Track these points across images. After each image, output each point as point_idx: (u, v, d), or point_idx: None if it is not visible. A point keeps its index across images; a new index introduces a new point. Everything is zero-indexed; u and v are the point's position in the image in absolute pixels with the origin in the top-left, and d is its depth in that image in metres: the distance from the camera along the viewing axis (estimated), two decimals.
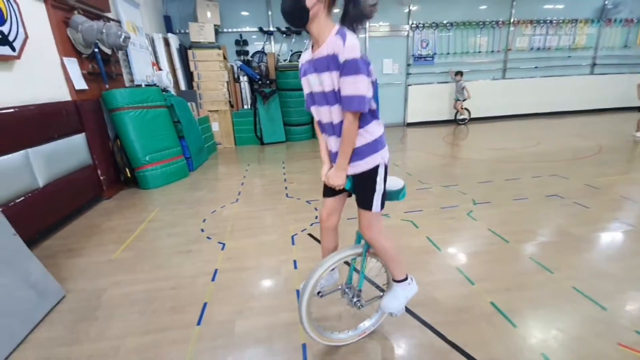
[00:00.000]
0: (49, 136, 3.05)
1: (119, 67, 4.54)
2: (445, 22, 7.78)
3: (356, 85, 1.15)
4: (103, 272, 2.36)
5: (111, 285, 2.19)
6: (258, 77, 6.58)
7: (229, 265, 2.38)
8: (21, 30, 2.83)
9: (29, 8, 3.00)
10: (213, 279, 2.21)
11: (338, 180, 1.33)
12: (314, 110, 1.38)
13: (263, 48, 7.34)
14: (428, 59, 7.98)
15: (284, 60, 7.30)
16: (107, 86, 4.04)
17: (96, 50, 3.80)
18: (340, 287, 1.69)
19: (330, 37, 1.17)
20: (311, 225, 2.94)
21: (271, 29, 7.30)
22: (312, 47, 1.27)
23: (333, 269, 1.62)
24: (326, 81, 1.21)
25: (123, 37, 3.85)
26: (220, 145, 6.69)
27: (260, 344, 1.66)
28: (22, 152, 2.71)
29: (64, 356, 1.64)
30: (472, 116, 8.06)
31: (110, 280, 2.26)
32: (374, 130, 1.31)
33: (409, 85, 8.08)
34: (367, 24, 7.52)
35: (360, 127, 1.27)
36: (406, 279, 1.55)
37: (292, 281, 2.15)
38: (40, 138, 2.94)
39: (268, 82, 6.71)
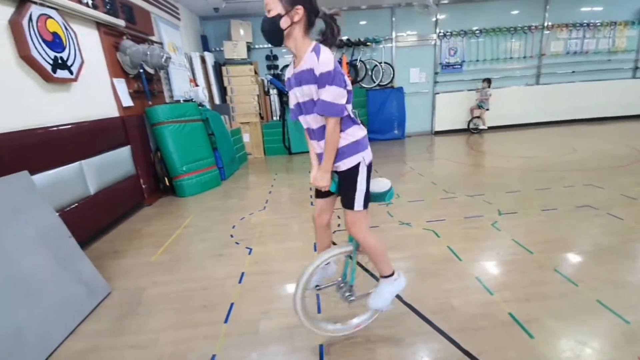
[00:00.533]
0: (100, 149, 3.41)
1: (161, 84, 4.95)
2: (474, 28, 7.68)
3: (331, 94, 1.29)
4: (143, 272, 2.60)
5: (150, 285, 2.42)
6: (287, 89, 6.84)
7: (255, 269, 2.53)
8: (78, 55, 3.23)
9: (84, 35, 3.41)
10: (240, 281, 2.37)
11: (323, 182, 1.44)
12: (301, 119, 1.51)
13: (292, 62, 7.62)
14: (456, 66, 7.89)
15: None
16: (150, 103, 4.44)
17: (141, 70, 4.20)
18: (336, 281, 1.79)
19: (307, 54, 1.32)
20: (334, 232, 3.04)
21: None
22: (294, 62, 1.41)
23: (328, 263, 1.70)
24: (306, 92, 1.36)
25: (165, 57, 4.23)
26: (251, 155, 7.00)
27: (282, 343, 1.77)
28: (77, 163, 3.06)
29: (109, 346, 1.85)
30: (502, 124, 7.83)
31: (150, 280, 2.49)
32: (355, 132, 1.43)
33: (436, 93, 8.02)
34: (394, 34, 7.62)
35: (341, 130, 1.40)
36: (393, 274, 1.61)
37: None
38: (93, 151, 3.30)
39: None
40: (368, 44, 7.51)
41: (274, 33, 1.31)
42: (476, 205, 3.46)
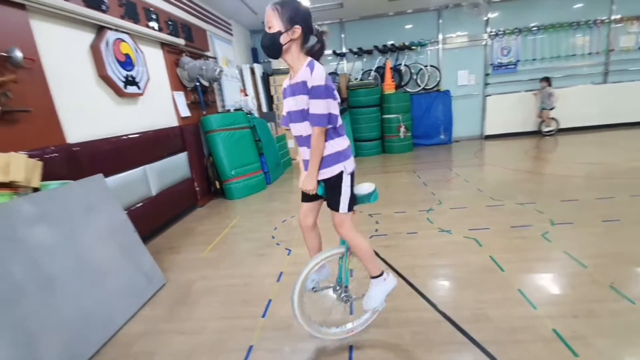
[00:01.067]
0: (161, 155, 3.82)
1: (214, 95, 5.38)
2: (531, 25, 7.18)
3: (319, 106, 1.43)
4: (194, 267, 2.87)
5: (199, 278, 2.66)
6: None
7: (293, 269, 2.65)
8: (145, 72, 3.67)
9: (151, 54, 3.86)
10: (278, 280, 2.50)
11: (310, 185, 1.56)
12: (291, 126, 1.63)
13: (336, 69, 7.79)
14: (510, 66, 7.43)
15: (355, 79, 7.62)
16: (204, 112, 4.85)
17: (197, 83, 4.62)
18: (331, 284, 1.87)
19: (303, 68, 1.46)
20: (370, 237, 3.07)
21: (344, 50, 7.71)
22: (290, 74, 1.55)
23: (322, 265, 1.80)
24: (299, 101, 1.49)
25: (218, 71, 4.61)
26: (295, 160, 7.24)
27: (313, 340, 1.86)
28: (141, 167, 3.47)
29: (163, 330, 2.08)
30: (564, 126, 7.19)
31: (199, 274, 2.73)
32: (338, 144, 1.56)
33: (487, 95, 7.61)
34: (441, 36, 7.41)
35: (326, 140, 1.53)
36: (381, 274, 1.71)
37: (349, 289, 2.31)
38: (155, 156, 3.71)
39: (340, 100, 7.07)
40: (413, 47, 7.40)
41: (273, 48, 1.45)
42: (526, 214, 3.25)
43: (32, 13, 2.44)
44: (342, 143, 1.57)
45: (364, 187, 1.66)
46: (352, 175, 1.59)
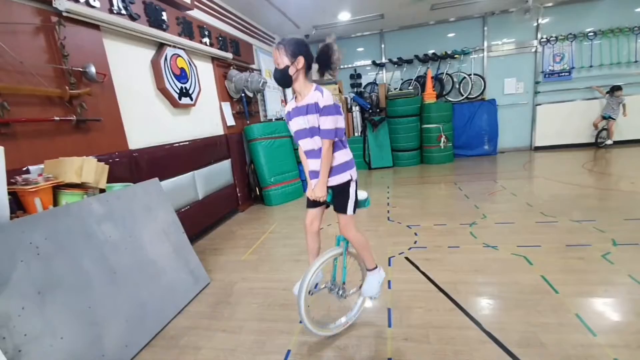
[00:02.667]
0: (208, 161, 4.06)
1: (257, 105, 5.63)
2: (587, 30, 6.72)
3: (329, 122, 1.66)
4: (235, 268, 2.99)
5: (240, 280, 2.77)
6: (369, 106, 7.02)
7: (328, 277, 2.67)
8: (197, 84, 3.94)
9: (202, 68, 4.15)
10: (315, 287, 2.53)
11: (321, 192, 1.76)
12: (301, 142, 1.83)
13: (375, 79, 7.80)
14: (563, 74, 6.96)
15: (395, 89, 7.57)
16: (247, 122, 5.08)
17: (242, 94, 4.87)
18: (325, 285, 2.03)
19: (312, 92, 1.69)
20: (409, 249, 3.01)
21: (383, 60, 7.71)
22: (296, 99, 1.78)
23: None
24: (311, 119, 1.70)
25: (262, 82, 4.82)
26: None
27: (349, 349, 1.86)
28: (190, 173, 3.70)
29: (206, 326, 2.19)
30: (624, 138, 6.58)
31: (240, 275, 2.84)
32: (345, 154, 1.79)
33: (537, 104, 7.19)
34: (486, 44, 7.17)
35: (334, 151, 1.75)
36: (376, 267, 1.97)
37: (385, 299, 2.28)
38: (202, 163, 3.95)
39: (378, 110, 7.07)
40: (456, 56, 7.21)
41: (284, 80, 1.70)
42: (583, 232, 3.01)
43: (105, 33, 2.75)
44: (346, 154, 1.80)
45: (360, 194, 1.91)
46: (356, 182, 1.83)
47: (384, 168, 7.04)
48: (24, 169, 2.06)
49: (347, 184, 1.79)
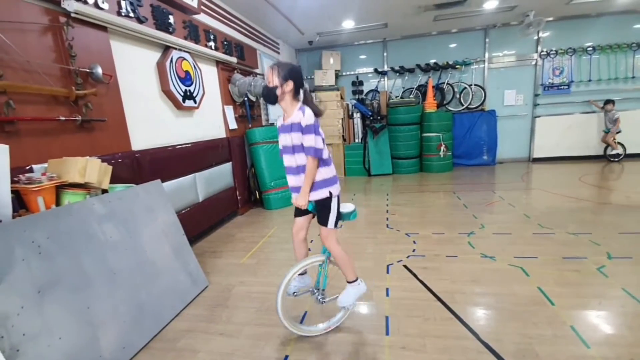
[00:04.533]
0: (209, 164, 4.08)
1: (259, 110, 5.66)
2: (586, 45, 6.82)
3: (311, 140, 1.78)
4: (234, 272, 2.99)
5: (238, 283, 2.77)
6: (370, 113, 7.07)
7: (337, 290, 2.68)
8: (201, 87, 3.97)
9: (206, 71, 4.18)
10: (314, 293, 2.54)
11: (302, 201, 1.87)
12: (284, 157, 1.96)
13: (377, 87, 7.86)
14: (562, 87, 7.05)
15: (396, 97, 7.64)
16: (250, 126, 5.11)
17: (245, 98, 4.90)
18: (310, 289, 2.16)
19: (295, 111, 1.83)
20: (408, 257, 3.02)
21: (385, 69, 7.79)
22: (283, 116, 1.92)
23: (305, 273, 2.14)
24: (294, 137, 1.84)
25: None
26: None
27: (346, 356, 1.86)
28: (192, 175, 3.72)
29: (204, 330, 2.19)
30: (630, 152, 6.64)
31: (238, 279, 2.85)
32: (325, 172, 1.89)
33: (536, 116, 7.27)
34: (487, 55, 7.25)
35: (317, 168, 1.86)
36: (356, 280, 2.02)
37: (383, 307, 2.29)
38: (204, 165, 3.96)
39: (379, 117, 7.12)
40: (457, 66, 7.30)
41: (270, 97, 1.85)
42: (579, 244, 3.04)
43: (112, 34, 2.78)
44: (328, 172, 1.90)
45: (347, 207, 2.02)
46: (338, 197, 1.93)
47: (384, 175, 7.07)
48: (28, 167, 2.07)
49: (327, 200, 1.90)
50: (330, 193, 1.89)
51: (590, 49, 6.81)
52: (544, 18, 6.09)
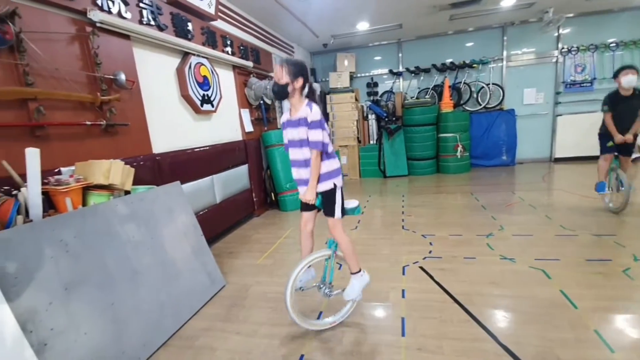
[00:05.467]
0: (226, 166, 4.16)
1: (275, 112, 5.74)
2: (609, 41, 6.58)
3: (317, 135, 1.87)
4: (250, 272, 3.04)
5: (255, 283, 2.82)
6: (385, 114, 7.04)
7: (343, 283, 2.66)
8: (218, 92, 4.06)
9: (223, 76, 4.28)
10: (328, 297, 2.55)
11: (310, 196, 1.97)
12: (290, 151, 2.05)
13: (392, 88, 7.82)
14: (585, 85, 6.81)
15: (411, 98, 7.57)
16: (265, 128, 5.19)
17: (261, 102, 4.98)
18: (316, 283, 2.22)
19: (303, 107, 1.92)
20: (424, 258, 2.99)
21: (400, 69, 7.74)
22: (291, 112, 2.00)
23: (310, 267, 2.15)
24: (301, 132, 1.92)
25: None
26: (347, 176, 7.32)
27: (362, 356, 1.86)
28: (210, 177, 3.80)
29: (221, 328, 2.23)
30: None
31: (255, 279, 2.89)
32: (330, 164, 1.99)
33: (557, 115, 7.04)
34: (506, 53, 7.10)
35: (321, 161, 1.96)
36: (360, 271, 2.11)
37: (399, 308, 2.28)
38: (221, 167, 4.05)
39: (394, 118, 7.08)
40: (474, 65, 7.17)
41: (281, 94, 1.93)
42: (604, 246, 2.93)
43: (135, 42, 2.89)
44: (333, 164, 2.00)
45: (351, 202, 2.11)
46: (341, 189, 2.04)
47: (399, 176, 7.01)
48: (56, 170, 2.18)
49: (332, 191, 2.00)
50: (335, 184, 1.99)
51: (613, 44, 6.56)
52: (563, 15, 5.91)
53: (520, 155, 7.29)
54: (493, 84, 7.18)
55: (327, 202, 2.03)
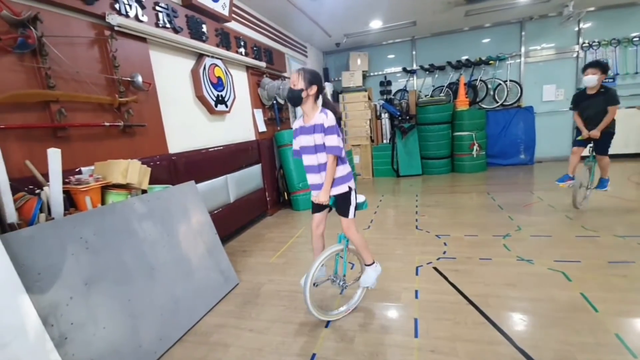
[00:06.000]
0: (240, 166, 4.21)
1: (287, 112, 5.77)
2: (632, 35, 6.30)
3: (333, 140, 1.97)
4: (263, 270, 3.07)
5: (268, 282, 2.84)
6: (399, 113, 6.97)
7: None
8: (232, 92, 4.11)
9: (237, 76, 4.33)
10: (341, 292, 2.53)
11: (324, 198, 2.05)
12: (304, 157, 2.13)
13: (405, 86, 7.73)
14: (607, 80, 6.53)
15: (425, 96, 7.46)
16: (278, 128, 5.22)
17: (274, 102, 5.02)
18: (329, 277, 2.31)
19: (318, 114, 2.01)
20: (438, 259, 2.95)
21: (414, 67, 7.64)
22: (304, 118, 2.09)
23: (323, 266, 2.22)
24: (317, 138, 2.01)
25: None
26: (360, 175, 7.29)
27: (374, 357, 1.85)
28: (224, 177, 3.86)
29: (234, 325, 2.26)
30: None
31: (268, 277, 2.92)
32: (343, 169, 2.09)
33: None
34: (524, 49, 6.91)
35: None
36: (373, 262, 2.25)
37: (412, 309, 2.25)
38: (235, 167, 4.10)
39: (408, 117, 7.00)
40: (491, 62, 7.01)
41: (296, 100, 2.01)
42: (627, 248, 2.81)
43: (151, 45, 2.96)
44: (345, 169, 2.11)
45: (358, 198, 2.19)
46: (355, 191, 2.15)
47: (413, 176, 6.93)
48: (77, 169, 2.26)
49: (347, 193, 2.11)
50: (349, 187, 2.10)
51: (636, 39, 6.28)
52: (584, 8, 5.71)
53: (539, 153, 7.09)
54: (510, 80, 7.00)
55: (342, 203, 2.12)
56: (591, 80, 3.52)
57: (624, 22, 6.35)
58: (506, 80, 7.00)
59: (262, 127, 4.81)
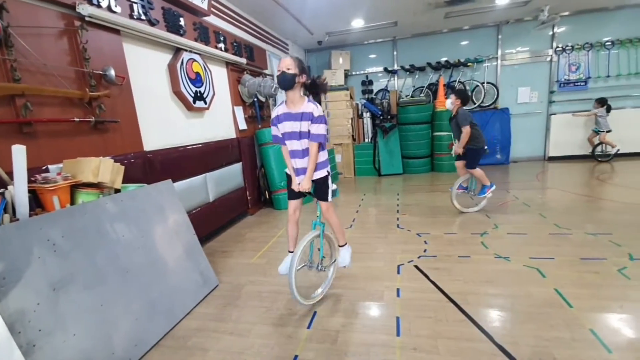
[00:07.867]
0: (220, 164, 4.11)
1: (269, 110, 5.67)
2: (604, 40, 6.62)
3: (320, 129, 2.11)
4: (244, 271, 3.00)
5: (248, 283, 2.78)
6: (380, 112, 7.02)
7: (337, 283, 2.66)
8: (211, 89, 4.00)
9: (216, 72, 4.21)
10: (321, 270, 2.51)
11: (307, 185, 2.19)
12: (288, 142, 2.22)
13: (386, 86, 7.80)
14: (579, 84, 6.86)
15: (406, 96, 7.56)
16: (259, 126, 5.13)
17: (255, 99, 4.92)
18: (305, 263, 2.44)
19: (306, 103, 2.12)
20: (419, 257, 2.98)
21: (395, 67, 7.72)
22: (287, 104, 2.17)
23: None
24: (304, 125, 2.12)
25: (274, 87, 4.87)
26: (342, 174, 7.30)
27: (357, 357, 1.84)
28: (202, 175, 3.75)
29: (214, 328, 2.19)
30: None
31: (248, 278, 2.85)
32: (323, 155, 2.24)
33: (551, 114, 7.08)
34: (500, 52, 7.10)
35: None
36: (345, 244, 2.49)
37: (394, 308, 2.26)
38: (214, 165, 3.99)
39: (389, 117, 7.06)
40: (469, 64, 7.18)
41: (289, 83, 2.07)
42: (598, 245, 2.94)
43: (125, 37, 2.82)
44: (325, 155, 2.26)
45: (332, 186, 2.36)
46: (331, 176, 2.31)
47: (394, 175, 7.01)
48: (44, 167, 2.12)
49: (325, 178, 2.27)
50: (327, 172, 2.27)
51: (609, 43, 6.60)
52: (559, 13, 5.94)
53: (514, 154, 7.33)
54: (487, 82, 7.20)
55: (321, 188, 2.29)
56: (448, 104, 4.00)
57: (597, 26, 6.65)
58: (483, 82, 7.19)
59: (243, 125, 4.71)
